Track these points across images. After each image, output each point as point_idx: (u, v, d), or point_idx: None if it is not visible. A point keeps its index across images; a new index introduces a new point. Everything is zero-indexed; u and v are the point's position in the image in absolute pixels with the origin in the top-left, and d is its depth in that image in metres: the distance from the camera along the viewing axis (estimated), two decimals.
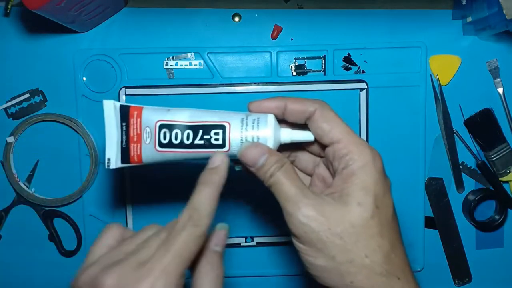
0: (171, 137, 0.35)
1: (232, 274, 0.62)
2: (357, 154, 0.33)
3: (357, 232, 0.31)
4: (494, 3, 0.50)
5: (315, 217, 0.32)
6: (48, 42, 0.60)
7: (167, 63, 0.59)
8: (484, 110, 0.60)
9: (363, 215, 0.32)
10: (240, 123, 0.35)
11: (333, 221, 0.31)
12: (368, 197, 0.32)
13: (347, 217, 0.32)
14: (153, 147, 0.36)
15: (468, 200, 0.62)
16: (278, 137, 0.36)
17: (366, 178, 0.32)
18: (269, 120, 0.35)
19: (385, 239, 0.32)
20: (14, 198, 0.61)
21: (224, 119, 0.36)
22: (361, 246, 0.31)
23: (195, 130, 0.35)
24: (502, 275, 0.64)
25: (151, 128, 0.36)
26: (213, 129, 0.35)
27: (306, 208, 0.32)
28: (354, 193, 0.32)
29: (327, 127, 0.34)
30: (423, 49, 0.59)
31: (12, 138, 0.59)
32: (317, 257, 0.32)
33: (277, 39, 0.60)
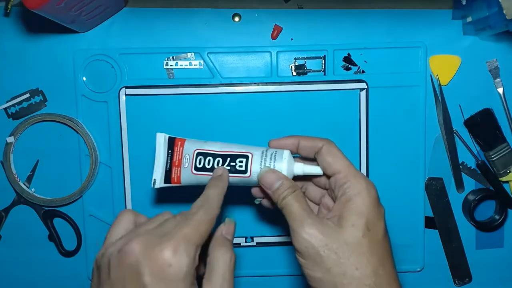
0: (205, 163, 0.43)
1: None
2: (354, 183, 0.38)
3: (350, 249, 0.36)
4: (494, 3, 0.50)
5: (315, 235, 0.37)
6: (48, 42, 0.60)
7: (167, 63, 0.59)
8: (484, 110, 0.60)
9: (355, 235, 0.37)
10: (260, 155, 0.42)
11: (330, 239, 0.36)
12: (360, 220, 0.37)
13: (342, 236, 0.37)
14: (190, 171, 0.44)
15: (468, 200, 0.62)
16: (292, 169, 0.42)
17: (360, 204, 0.37)
18: (285, 155, 0.42)
19: (374, 256, 0.37)
20: (14, 198, 0.61)
21: (248, 150, 0.43)
22: (353, 260, 0.36)
23: (224, 158, 0.43)
24: (502, 275, 0.64)
25: (190, 155, 0.44)
26: (238, 158, 0.43)
27: (309, 227, 0.37)
28: (349, 216, 0.37)
29: (331, 160, 0.40)
30: (423, 49, 0.59)
31: (12, 138, 0.59)
32: (315, 270, 0.37)
33: (277, 39, 0.60)
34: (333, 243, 0.36)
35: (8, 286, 0.63)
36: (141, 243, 0.32)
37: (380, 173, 0.61)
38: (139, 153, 0.60)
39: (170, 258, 0.32)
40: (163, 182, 0.45)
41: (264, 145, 0.60)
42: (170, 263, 0.32)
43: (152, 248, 0.32)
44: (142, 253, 0.32)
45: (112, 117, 0.59)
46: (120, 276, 0.32)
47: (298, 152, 0.43)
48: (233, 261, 0.36)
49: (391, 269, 0.38)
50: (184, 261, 0.32)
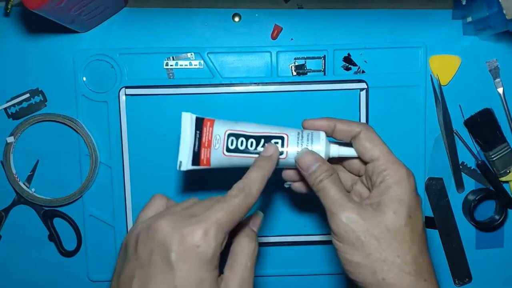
0: (237, 144, 0.41)
1: None
2: (394, 171, 0.38)
3: (391, 236, 0.36)
4: (494, 3, 0.50)
5: (356, 220, 0.36)
6: (48, 42, 0.60)
7: (167, 63, 0.59)
8: (484, 110, 0.60)
9: (397, 222, 0.36)
10: (296, 136, 0.41)
11: (371, 224, 0.36)
12: (402, 208, 0.37)
13: (384, 223, 0.36)
14: (221, 152, 0.41)
15: (468, 200, 0.62)
16: (328, 151, 0.41)
17: (401, 192, 0.37)
18: (322, 136, 0.41)
19: (415, 245, 0.37)
20: (14, 198, 0.61)
21: (283, 131, 0.41)
22: (394, 248, 0.36)
23: (257, 139, 0.41)
24: (502, 275, 0.64)
25: (221, 136, 0.41)
26: (274, 139, 0.41)
27: (349, 211, 0.36)
28: (390, 203, 0.37)
29: (369, 146, 0.39)
30: (423, 49, 0.59)
31: (12, 138, 0.59)
32: (354, 255, 0.36)
33: (277, 39, 0.60)
34: (374, 229, 0.36)
35: (8, 286, 0.63)
36: (171, 221, 0.32)
37: None
38: (139, 153, 0.60)
39: (200, 240, 0.32)
40: (190, 164, 0.41)
41: None
42: (198, 245, 0.32)
43: (183, 227, 0.32)
44: (172, 231, 0.32)
45: (112, 117, 0.59)
46: (147, 251, 0.32)
47: (333, 136, 0.41)
48: (256, 252, 0.36)
49: (429, 259, 0.38)
50: (212, 245, 0.32)
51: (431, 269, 0.37)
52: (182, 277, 0.31)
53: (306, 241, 0.61)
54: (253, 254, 0.36)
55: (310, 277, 0.62)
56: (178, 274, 0.31)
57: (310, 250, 0.61)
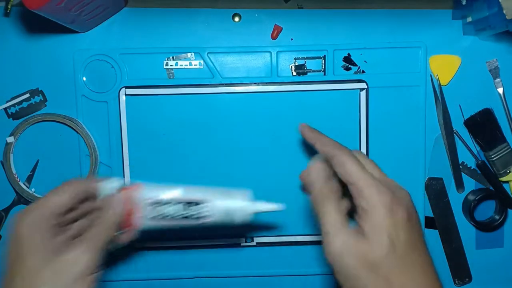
0: (161, 211, 0.44)
1: (232, 274, 0.62)
2: (367, 196, 0.37)
3: (378, 265, 0.35)
4: (494, 3, 0.50)
5: (345, 248, 0.36)
6: (48, 42, 0.60)
7: (167, 63, 0.59)
8: (484, 110, 0.60)
9: (378, 252, 0.35)
10: (219, 197, 0.44)
11: (358, 252, 0.36)
12: (382, 236, 0.35)
13: (367, 253, 0.36)
14: (145, 219, 0.44)
15: (468, 200, 0.62)
16: (251, 209, 0.44)
17: (375, 220, 0.36)
18: (243, 196, 0.44)
19: (401, 275, 0.35)
20: (14, 198, 0.61)
21: (206, 195, 0.44)
22: (373, 281, 0.35)
23: (180, 205, 0.44)
24: (502, 275, 0.64)
25: (145, 202, 0.44)
26: (198, 204, 0.44)
27: (339, 240, 0.37)
28: (371, 231, 0.36)
29: (341, 171, 0.39)
30: (423, 49, 0.59)
31: (12, 138, 0.59)
32: (343, 281, 0.37)
33: (277, 39, 0.60)
34: (360, 258, 0.36)
35: None
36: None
37: None
38: (139, 153, 0.60)
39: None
40: (120, 230, 0.45)
41: (262, 146, 0.60)
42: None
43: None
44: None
45: (112, 117, 0.59)
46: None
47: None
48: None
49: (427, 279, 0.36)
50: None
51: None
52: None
53: (309, 241, 0.61)
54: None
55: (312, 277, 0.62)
56: None
57: (315, 250, 0.62)
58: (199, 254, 0.62)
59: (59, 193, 0.42)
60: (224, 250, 0.61)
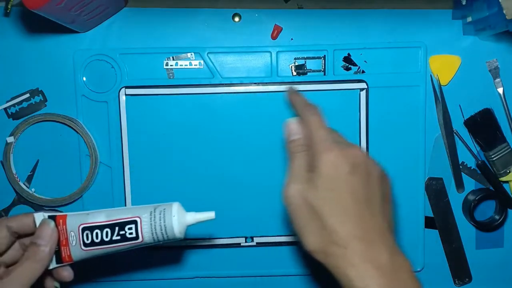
0: (93, 237, 0.42)
1: (232, 274, 0.62)
2: (318, 150, 0.41)
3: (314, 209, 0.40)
4: (494, 3, 0.50)
5: (300, 190, 0.41)
6: (48, 42, 0.60)
7: (167, 63, 0.59)
8: (484, 110, 0.60)
9: (324, 198, 0.40)
10: (149, 216, 0.42)
11: (304, 198, 0.41)
12: (325, 184, 0.40)
13: (312, 198, 0.40)
14: (80, 248, 0.43)
15: (468, 200, 0.62)
16: (184, 222, 0.43)
17: (322, 169, 0.40)
18: (173, 211, 0.42)
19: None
20: (14, 198, 0.61)
21: (135, 214, 0.43)
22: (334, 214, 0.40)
23: (112, 228, 0.42)
24: (502, 275, 0.64)
25: (75, 232, 0.43)
26: (127, 225, 0.42)
27: (297, 183, 0.41)
28: (317, 179, 0.40)
29: (306, 129, 0.44)
30: (423, 49, 0.59)
31: (12, 138, 0.59)
32: (306, 222, 0.40)
33: (277, 39, 0.60)
34: (306, 203, 0.40)
35: None
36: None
37: None
38: (139, 153, 0.60)
39: None
40: (55, 263, 0.44)
41: (262, 146, 0.60)
42: None
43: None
44: None
45: (112, 117, 0.59)
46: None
47: None
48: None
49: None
50: None
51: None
52: None
53: None
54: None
55: (312, 277, 0.62)
56: None
57: None
58: (199, 254, 0.62)
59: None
60: (224, 250, 0.61)
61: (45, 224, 0.43)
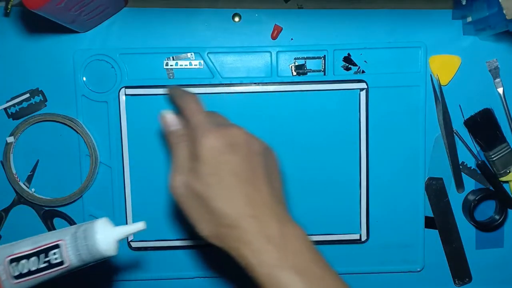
0: (20, 268, 0.40)
1: (232, 274, 0.62)
2: (195, 134, 0.41)
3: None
4: (494, 3, 0.50)
5: (185, 181, 0.41)
6: (48, 42, 0.60)
7: (167, 63, 0.59)
8: (484, 110, 0.60)
9: (203, 183, 0.40)
10: (72, 237, 0.40)
11: (193, 180, 0.41)
12: (203, 168, 0.40)
13: (194, 184, 0.40)
14: (10, 281, 0.40)
15: (468, 200, 0.62)
16: (113, 237, 0.40)
17: (200, 154, 0.40)
18: (96, 228, 0.40)
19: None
20: (14, 198, 0.61)
21: (58, 237, 0.40)
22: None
23: (38, 255, 0.40)
24: (502, 275, 0.64)
25: (4, 265, 0.40)
26: (51, 250, 0.40)
27: (178, 177, 0.42)
28: (196, 165, 0.40)
29: (185, 117, 0.44)
30: (423, 49, 0.59)
31: (12, 138, 0.59)
32: (195, 208, 0.41)
33: (277, 39, 0.60)
34: (190, 190, 0.40)
35: None
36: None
37: (380, 173, 0.61)
38: (139, 153, 0.60)
39: None
40: None
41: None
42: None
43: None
44: None
45: (112, 117, 0.59)
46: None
47: None
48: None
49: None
50: None
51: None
52: None
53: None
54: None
55: None
56: None
57: None
58: (199, 254, 0.62)
59: None
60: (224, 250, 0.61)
61: None
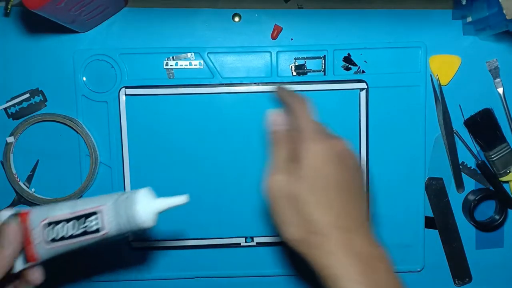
0: (56, 233, 0.39)
1: (232, 274, 0.62)
2: (305, 138, 0.41)
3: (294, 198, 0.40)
4: (494, 3, 0.50)
5: (283, 180, 0.40)
6: (48, 42, 0.60)
7: (167, 63, 0.59)
8: (484, 110, 0.60)
9: (306, 186, 0.40)
10: (113, 205, 0.39)
11: (293, 182, 0.40)
12: (309, 173, 0.40)
13: (295, 189, 0.40)
14: (43, 245, 0.40)
15: (468, 200, 0.62)
16: (154, 208, 0.39)
17: (307, 159, 0.40)
18: (138, 198, 0.39)
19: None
20: (14, 198, 0.61)
21: (99, 203, 0.39)
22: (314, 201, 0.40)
23: (76, 220, 0.39)
24: (502, 275, 0.64)
25: (38, 228, 0.40)
26: (90, 216, 0.39)
27: (275, 177, 0.41)
28: (302, 170, 0.40)
29: (293, 118, 0.44)
30: (423, 49, 0.59)
31: (12, 138, 0.59)
32: (285, 212, 0.40)
33: (277, 39, 0.60)
34: (288, 194, 0.39)
35: None
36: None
37: (380, 173, 0.60)
38: (139, 153, 0.60)
39: None
40: (22, 264, 0.40)
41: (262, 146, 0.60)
42: None
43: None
44: None
45: (112, 117, 0.59)
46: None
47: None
48: None
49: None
50: None
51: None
52: None
53: None
54: None
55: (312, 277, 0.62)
56: None
57: None
58: (199, 254, 0.62)
59: None
60: (224, 250, 0.61)
61: (7, 223, 0.39)
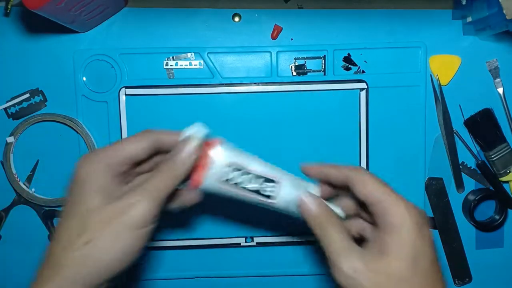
0: (234, 176, 0.40)
1: (232, 274, 0.62)
2: (394, 212, 0.36)
3: (394, 281, 0.35)
4: (494, 3, 0.50)
5: (359, 268, 0.35)
6: (48, 42, 0.60)
7: (167, 63, 0.59)
8: (484, 110, 0.60)
9: (401, 268, 0.35)
10: (292, 183, 0.41)
11: (374, 272, 0.35)
12: (406, 252, 0.35)
13: (386, 269, 0.35)
14: (214, 180, 0.40)
15: (468, 200, 0.62)
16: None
17: (404, 235, 0.36)
18: (309, 188, 0.42)
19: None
20: (14, 198, 0.61)
21: (281, 176, 0.41)
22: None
23: (255, 177, 0.41)
24: (502, 275, 0.64)
25: (219, 163, 0.40)
26: (269, 182, 0.41)
27: (351, 259, 0.36)
28: (394, 248, 0.36)
29: (364, 190, 0.38)
30: (423, 49, 0.59)
31: (12, 138, 0.59)
32: None
33: (277, 39, 0.60)
34: (377, 277, 0.35)
35: (8, 286, 0.63)
36: None
37: (380, 173, 0.60)
38: None
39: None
40: (184, 184, 0.41)
41: (262, 146, 0.60)
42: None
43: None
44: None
45: (112, 117, 0.59)
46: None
47: (328, 180, 0.42)
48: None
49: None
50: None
51: None
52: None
53: (309, 241, 0.61)
54: None
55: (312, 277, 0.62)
56: None
57: (315, 250, 0.62)
58: (199, 254, 0.62)
59: (135, 142, 0.39)
60: (224, 250, 0.61)
61: (190, 140, 0.39)
